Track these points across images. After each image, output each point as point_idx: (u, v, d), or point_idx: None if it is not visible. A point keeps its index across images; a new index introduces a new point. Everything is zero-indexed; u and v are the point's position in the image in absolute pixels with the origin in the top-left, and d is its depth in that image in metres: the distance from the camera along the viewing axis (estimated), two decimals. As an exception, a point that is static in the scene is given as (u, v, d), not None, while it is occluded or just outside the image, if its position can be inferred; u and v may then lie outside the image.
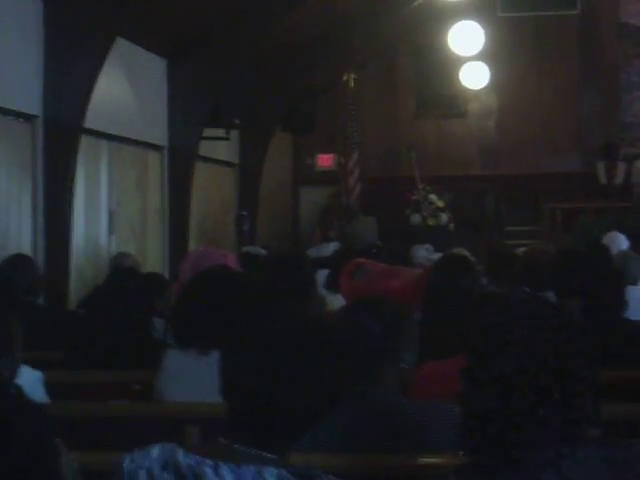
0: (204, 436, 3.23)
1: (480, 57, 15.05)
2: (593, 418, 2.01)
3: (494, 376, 2.02)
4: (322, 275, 7.79)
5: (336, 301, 6.34)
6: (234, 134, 13.37)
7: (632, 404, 3.42)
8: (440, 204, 14.31)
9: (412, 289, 5.78)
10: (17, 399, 1.95)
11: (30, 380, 3.95)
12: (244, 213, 14.13)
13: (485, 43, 14.43)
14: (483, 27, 14.37)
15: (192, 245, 11.77)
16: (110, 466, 2.22)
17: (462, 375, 2.09)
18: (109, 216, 10.14)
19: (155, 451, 2.05)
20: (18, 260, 6.32)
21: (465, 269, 5.11)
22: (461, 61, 15.29)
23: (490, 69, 15.62)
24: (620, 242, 8.85)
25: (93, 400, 4.19)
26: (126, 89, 10.53)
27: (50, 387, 4.18)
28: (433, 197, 14.35)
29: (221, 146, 13.28)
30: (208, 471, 2.00)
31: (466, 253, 7.51)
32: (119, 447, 2.92)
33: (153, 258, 11.22)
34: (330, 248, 11.02)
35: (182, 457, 2.03)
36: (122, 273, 6.38)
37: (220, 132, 12.46)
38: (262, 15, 11.52)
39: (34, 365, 4.16)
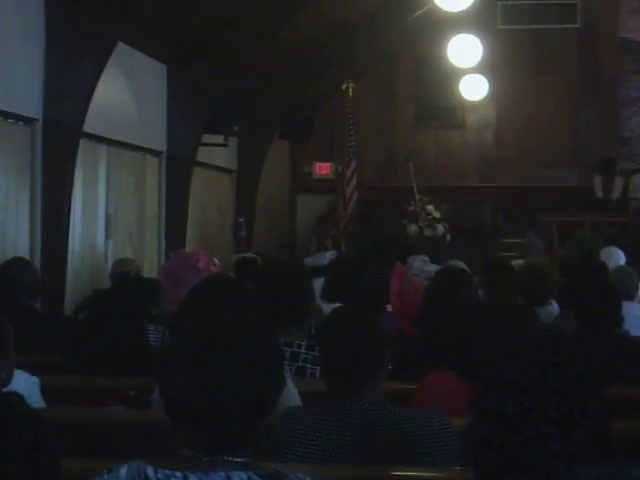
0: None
1: (479, 69, 15.04)
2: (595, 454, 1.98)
3: (495, 411, 2.01)
4: (318, 284, 7.78)
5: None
6: (233, 141, 13.37)
7: (631, 421, 3.42)
8: (437, 215, 14.29)
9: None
10: (18, 407, 1.95)
11: (26, 385, 3.94)
12: (241, 220, 14.14)
13: (485, 55, 14.41)
14: (483, 39, 14.34)
15: (189, 251, 11.74)
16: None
17: (469, 402, 2.08)
18: (106, 220, 10.13)
19: (123, 471, 2.05)
20: (17, 263, 6.32)
21: (462, 281, 5.12)
22: (460, 72, 15.27)
23: (489, 81, 15.62)
24: (617, 257, 8.85)
25: (89, 405, 4.18)
26: (126, 94, 10.53)
27: (46, 391, 4.17)
28: (430, 208, 14.33)
29: (219, 152, 13.28)
30: None
31: (463, 265, 7.52)
32: (114, 454, 2.92)
33: (150, 263, 11.21)
34: (327, 257, 11.02)
35: (151, 472, 2.03)
36: (126, 279, 6.39)
37: (219, 138, 12.46)
38: (263, 23, 11.52)
39: (31, 369, 4.16)
